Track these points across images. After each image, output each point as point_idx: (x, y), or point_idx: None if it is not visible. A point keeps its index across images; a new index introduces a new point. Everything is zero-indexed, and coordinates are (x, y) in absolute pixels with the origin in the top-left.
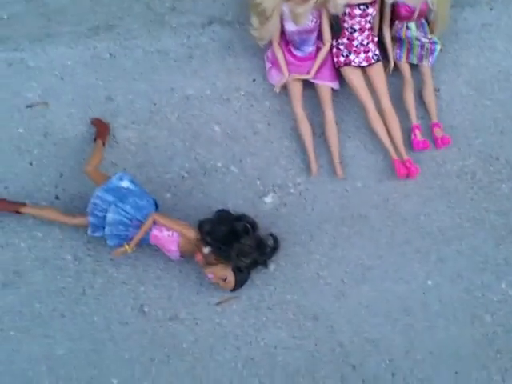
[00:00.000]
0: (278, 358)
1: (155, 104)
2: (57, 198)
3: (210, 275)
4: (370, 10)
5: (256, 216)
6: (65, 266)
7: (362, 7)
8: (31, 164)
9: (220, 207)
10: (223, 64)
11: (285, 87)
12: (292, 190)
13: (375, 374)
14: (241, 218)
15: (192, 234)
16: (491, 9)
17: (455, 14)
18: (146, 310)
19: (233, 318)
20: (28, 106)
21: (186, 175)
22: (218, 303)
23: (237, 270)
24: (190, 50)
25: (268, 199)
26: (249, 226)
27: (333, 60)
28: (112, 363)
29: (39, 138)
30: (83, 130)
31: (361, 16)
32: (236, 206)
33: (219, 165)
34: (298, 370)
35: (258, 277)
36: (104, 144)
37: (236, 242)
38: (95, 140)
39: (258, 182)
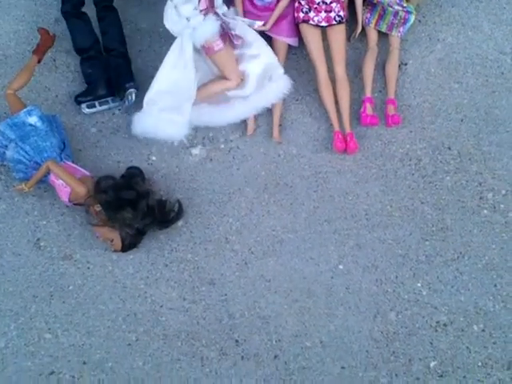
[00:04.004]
0: (162, 317)
1: None
2: None
3: (98, 234)
4: None
5: (177, 167)
6: None
7: None
8: None
9: (143, 151)
10: None
11: None
12: (222, 146)
13: (257, 353)
14: (132, 185)
15: (82, 191)
16: None
17: None
18: (41, 244)
19: (127, 268)
20: None
21: (117, 112)
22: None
23: (124, 235)
24: None
25: (195, 151)
26: (144, 195)
27: (294, 15)
28: None
29: None
30: (26, 50)
31: None
32: (160, 153)
33: None
34: (179, 333)
35: (163, 231)
36: (39, 61)
37: (117, 213)
38: (33, 52)
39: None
